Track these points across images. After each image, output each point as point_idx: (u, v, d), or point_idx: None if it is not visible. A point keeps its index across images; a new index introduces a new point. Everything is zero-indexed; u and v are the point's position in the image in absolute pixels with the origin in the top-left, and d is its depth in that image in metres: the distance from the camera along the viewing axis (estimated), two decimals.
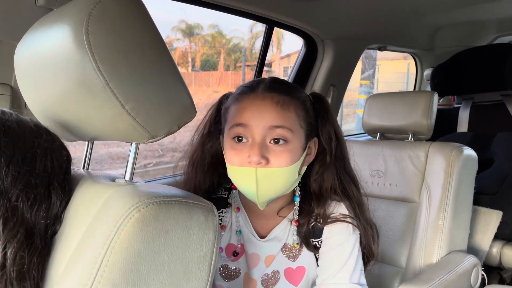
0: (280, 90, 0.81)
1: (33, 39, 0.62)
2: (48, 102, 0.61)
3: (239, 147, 0.79)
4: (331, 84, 1.97)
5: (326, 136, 0.86)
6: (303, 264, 0.87)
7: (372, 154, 1.50)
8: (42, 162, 0.57)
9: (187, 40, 8.08)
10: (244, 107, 0.80)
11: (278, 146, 0.78)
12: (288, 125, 0.78)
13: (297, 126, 0.80)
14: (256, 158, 0.76)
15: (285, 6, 1.53)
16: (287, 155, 0.78)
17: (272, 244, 0.87)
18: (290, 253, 0.87)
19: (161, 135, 0.57)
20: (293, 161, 0.79)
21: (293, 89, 0.85)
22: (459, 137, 1.97)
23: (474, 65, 2.05)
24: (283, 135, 0.78)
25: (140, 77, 0.53)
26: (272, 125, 0.77)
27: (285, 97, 0.80)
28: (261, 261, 0.88)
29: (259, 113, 0.78)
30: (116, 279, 0.47)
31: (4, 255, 0.51)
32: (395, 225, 1.39)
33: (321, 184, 0.86)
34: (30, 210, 0.54)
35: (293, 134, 0.79)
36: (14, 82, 0.98)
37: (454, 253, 1.28)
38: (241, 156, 0.78)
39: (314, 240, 0.86)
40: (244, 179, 0.79)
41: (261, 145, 0.77)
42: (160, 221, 0.50)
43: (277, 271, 0.87)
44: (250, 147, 0.77)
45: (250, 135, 0.78)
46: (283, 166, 0.78)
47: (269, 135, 0.78)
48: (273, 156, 0.77)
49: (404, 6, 1.67)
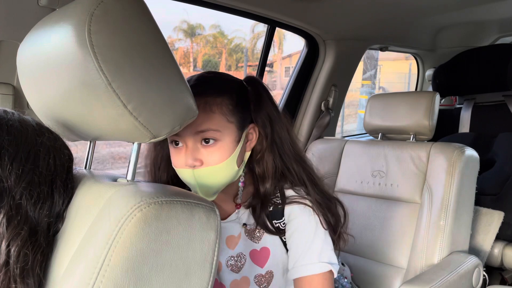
0: (202, 92, 0.81)
1: (36, 39, 0.62)
2: (50, 101, 0.61)
3: (176, 151, 0.83)
4: (333, 84, 1.97)
5: (260, 121, 0.88)
6: (267, 245, 0.89)
7: (374, 155, 1.50)
8: (45, 160, 0.57)
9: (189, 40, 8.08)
10: None
11: (209, 147, 0.81)
12: (213, 126, 0.80)
13: (224, 123, 0.82)
14: (190, 162, 0.80)
15: (287, 7, 1.53)
16: (218, 153, 0.81)
17: (232, 225, 0.90)
18: (253, 235, 0.90)
19: (163, 135, 0.58)
20: (225, 157, 0.82)
21: (217, 87, 0.85)
22: (460, 138, 1.97)
23: (476, 66, 2.05)
24: (211, 136, 0.80)
25: (142, 77, 0.53)
26: (197, 130, 0.80)
27: (207, 98, 0.81)
28: (223, 242, 0.90)
29: None
30: (118, 278, 0.47)
31: (7, 253, 0.52)
32: (396, 225, 1.39)
33: (263, 165, 0.88)
34: (34, 208, 0.54)
35: (221, 133, 0.81)
36: (16, 82, 0.98)
37: (456, 254, 1.28)
38: (179, 159, 0.83)
39: (277, 222, 0.88)
40: (186, 179, 0.84)
41: (192, 149, 0.81)
42: (162, 221, 0.50)
43: (242, 254, 0.90)
44: (185, 151, 0.81)
45: (183, 141, 0.81)
46: (216, 164, 0.81)
47: (198, 138, 0.81)
48: (205, 156, 0.81)
49: (406, 7, 1.67)
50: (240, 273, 0.90)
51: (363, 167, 1.51)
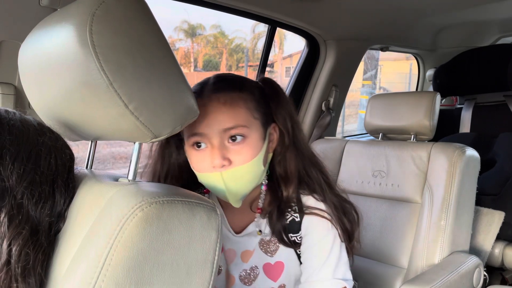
0: (225, 88, 0.80)
1: (37, 39, 0.62)
2: (51, 101, 0.61)
3: (200, 154, 0.79)
4: (334, 84, 1.97)
5: (281, 119, 0.85)
6: (281, 259, 0.87)
7: (374, 155, 1.50)
8: (46, 160, 0.57)
9: (190, 41, 8.08)
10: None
11: (237, 144, 0.78)
12: (241, 122, 0.78)
13: (251, 119, 0.80)
14: (218, 161, 0.76)
15: (287, 7, 1.53)
16: (248, 150, 0.78)
17: (248, 239, 0.87)
18: (268, 248, 0.87)
19: (164, 134, 0.58)
20: (254, 154, 0.79)
21: (239, 83, 0.83)
22: (461, 138, 1.97)
23: (476, 66, 2.05)
24: (239, 133, 0.77)
25: (144, 77, 0.54)
26: (225, 128, 0.77)
27: (232, 94, 0.79)
28: (237, 256, 0.88)
29: (210, 119, 0.77)
30: (119, 278, 0.47)
31: (9, 252, 0.52)
32: (397, 225, 1.38)
33: (285, 166, 0.86)
34: (35, 207, 0.54)
35: (249, 129, 0.78)
36: (18, 82, 0.98)
37: (456, 254, 1.28)
38: (204, 162, 0.78)
39: (293, 235, 0.85)
40: (213, 184, 0.79)
41: (220, 148, 0.77)
42: (163, 220, 0.50)
43: (255, 266, 0.87)
44: (211, 152, 0.77)
45: (208, 141, 0.78)
46: (246, 162, 0.78)
47: (225, 136, 0.77)
48: (234, 155, 0.77)
49: (406, 7, 1.67)
50: (253, 285, 0.87)
51: (363, 167, 1.51)
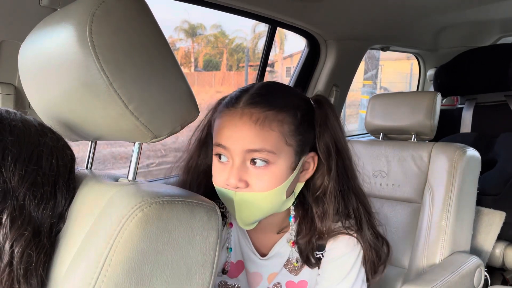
0: (263, 104, 0.71)
1: (37, 39, 0.62)
2: (51, 102, 0.61)
3: (220, 167, 0.74)
4: (334, 84, 1.97)
5: (323, 149, 0.77)
6: (305, 278, 0.84)
7: (375, 155, 1.49)
8: (48, 160, 0.57)
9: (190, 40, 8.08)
10: (224, 126, 0.73)
11: (259, 169, 0.71)
12: (268, 147, 0.70)
13: (282, 145, 0.71)
14: (233, 182, 0.70)
15: (288, 6, 1.53)
16: (269, 178, 0.71)
17: (274, 262, 0.83)
18: (293, 268, 0.83)
19: (164, 135, 0.58)
20: (277, 184, 0.71)
21: (282, 99, 0.75)
22: (462, 138, 1.97)
23: (477, 66, 2.05)
24: (263, 158, 0.70)
25: (144, 77, 0.53)
26: (250, 149, 0.70)
27: (268, 113, 0.71)
28: (264, 279, 0.85)
29: (236, 134, 0.71)
30: (119, 278, 0.47)
31: (11, 253, 0.52)
32: (397, 225, 1.38)
33: (323, 204, 0.78)
34: (37, 208, 0.54)
35: (276, 155, 0.71)
36: (18, 82, 0.98)
37: (457, 254, 1.28)
38: (221, 176, 0.73)
39: (318, 253, 0.81)
40: (226, 202, 0.75)
41: (239, 168, 0.70)
42: (163, 221, 0.50)
43: (278, 283, 0.84)
44: (230, 168, 0.71)
45: (230, 156, 0.72)
46: (264, 191, 0.71)
47: (248, 157, 0.71)
48: (253, 179, 0.71)
49: (407, 7, 1.67)
50: None
51: (364, 167, 1.50)
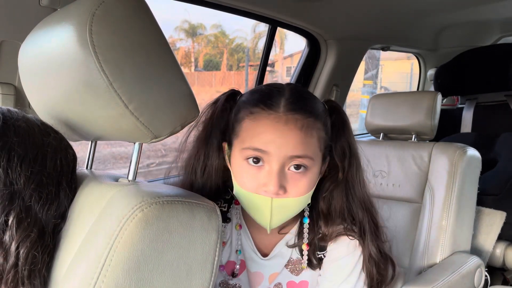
0: (305, 110, 0.71)
1: (37, 39, 0.62)
2: (51, 101, 0.61)
3: (254, 171, 0.71)
4: (334, 84, 1.96)
5: (339, 152, 0.78)
6: (306, 279, 0.84)
7: (375, 155, 1.49)
8: (52, 161, 0.57)
9: (190, 40, 8.08)
10: (264, 130, 0.71)
11: (297, 174, 0.71)
12: (310, 153, 0.71)
13: (317, 151, 0.73)
14: (274, 189, 0.69)
15: (288, 6, 1.53)
16: (305, 183, 0.72)
17: (276, 262, 0.84)
18: (294, 268, 0.84)
19: (164, 135, 0.58)
20: (310, 188, 0.73)
21: (315, 106, 0.75)
22: (462, 138, 1.97)
23: (477, 65, 2.05)
24: (304, 163, 0.71)
25: (144, 77, 0.53)
26: (294, 155, 0.69)
27: (309, 119, 0.71)
28: (265, 279, 0.85)
29: (280, 140, 0.69)
30: (119, 279, 0.47)
31: (17, 255, 0.51)
32: (398, 225, 1.38)
33: (330, 203, 0.79)
34: (42, 209, 0.54)
35: (313, 161, 0.72)
36: (18, 82, 0.98)
37: (458, 254, 1.28)
38: (256, 182, 0.71)
39: (320, 253, 0.82)
40: (257, 207, 0.73)
41: (279, 174, 0.69)
42: (163, 221, 0.50)
43: (279, 283, 0.85)
44: (268, 174, 0.70)
45: (268, 161, 0.70)
46: (300, 196, 0.71)
47: (288, 162, 0.70)
48: (291, 184, 0.71)
49: (407, 6, 1.67)
50: None
51: (364, 167, 1.50)
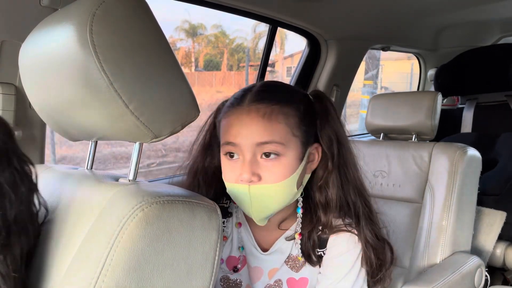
0: (268, 99, 0.75)
1: (38, 39, 0.62)
2: (52, 101, 0.61)
3: (231, 164, 0.76)
4: (335, 84, 1.96)
5: (326, 140, 0.80)
6: (306, 275, 0.84)
7: (376, 155, 1.49)
8: None
9: (190, 40, 8.08)
10: (231, 124, 0.76)
11: (269, 161, 0.74)
12: (277, 138, 0.73)
13: (289, 136, 0.75)
14: (247, 176, 0.73)
15: (288, 6, 1.53)
16: (280, 170, 0.74)
17: (275, 257, 0.85)
18: (294, 265, 0.84)
19: (165, 135, 0.58)
20: (287, 175, 0.75)
21: (284, 95, 0.79)
22: (463, 138, 1.97)
23: (478, 66, 2.05)
24: (273, 150, 0.73)
25: (144, 77, 0.54)
26: (260, 142, 0.73)
27: (274, 107, 0.75)
28: (264, 274, 0.86)
29: (245, 130, 0.74)
30: (119, 278, 0.47)
31: None
32: (398, 225, 1.38)
33: (327, 193, 0.81)
34: None
35: (285, 146, 0.74)
36: (18, 82, 0.98)
37: (458, 254, 1.28)
38: (234, 173, 0.75)
39: (320, 250, 0.83)
40: (239, 196, 0.76)
41: (251, 162, 0.73)
42: (164, 221, 0.50)
43: (279, 279, 0.85)
44: (241, 164, 0.74)
45: (240, 152, 0.75)
46: (276, 182, 0.74)
47: (258, 150, 0.74)
48: (264, 171, 0.74)
49: (407, 6, 1.67)
50: None
51: (365, 167, 1.50)
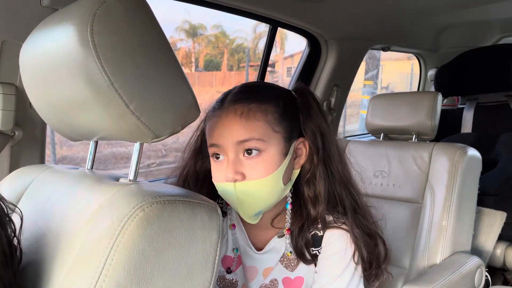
0: (246, 99, 0.77)
1: (38, 39, 0.62)
2: (52, 101, 0.62)
3: (218, 165, 0.78)
4: (335, 84, 1.97)
5: (310, 134, 0.81)
6: (301, 274, 0.85)
7: (376, 155, 1.49)
8: None
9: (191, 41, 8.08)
10: (213, 126, 0.78)
11: (252, 158, 0.75)
12: (256, 135, 0.75)
13: (270, 132, 0.76)
14: (231, 175, 0.75)
15: (288, 6, 1.53)
16: (263, 166, 0.75)
17: (270, 256, 0.86)
18: (289, 264, 0.85)
19: (165, 135, 0.58)
20: (271, 170, 0.76)
21: (261, 93, 0.80)
22: (463, 138, 1.97)
23: (478, 66, 2.05)
24: (254, 146, 0.75)
25: (145, 77, 0.54)
26: (240, 140, 0.75)
27: (251, 106, 0.76)
28: (259, 273, 0.86)
29: (225, 131, 0.76)
30: (120, 278, 0.47)
31: None
32: (398, 225, 1.38)
33: (314, 186, 0.81)
34: None
35: (266, 143, 0.76)
36: (19, 82, 0.98)
37: (458, 254, 1.28)
38: (221, 174, 0.77)
39: (314, 249, 0.83)
40: (227, 196, 0.78)
41: (234, 162, 0.75)
42: (164, 220, 0.50)
43: (275, 279, 0.86)
44: (226, 164, 0.76)
45: (224, 153, 0.77)
46: (260, 178, 0.75)
47: (240, 149, 0.75)
48: (248, 169, 0.75)
49: (408, 7, 1.67)
50: None
51: (365, 167, 1.51)
